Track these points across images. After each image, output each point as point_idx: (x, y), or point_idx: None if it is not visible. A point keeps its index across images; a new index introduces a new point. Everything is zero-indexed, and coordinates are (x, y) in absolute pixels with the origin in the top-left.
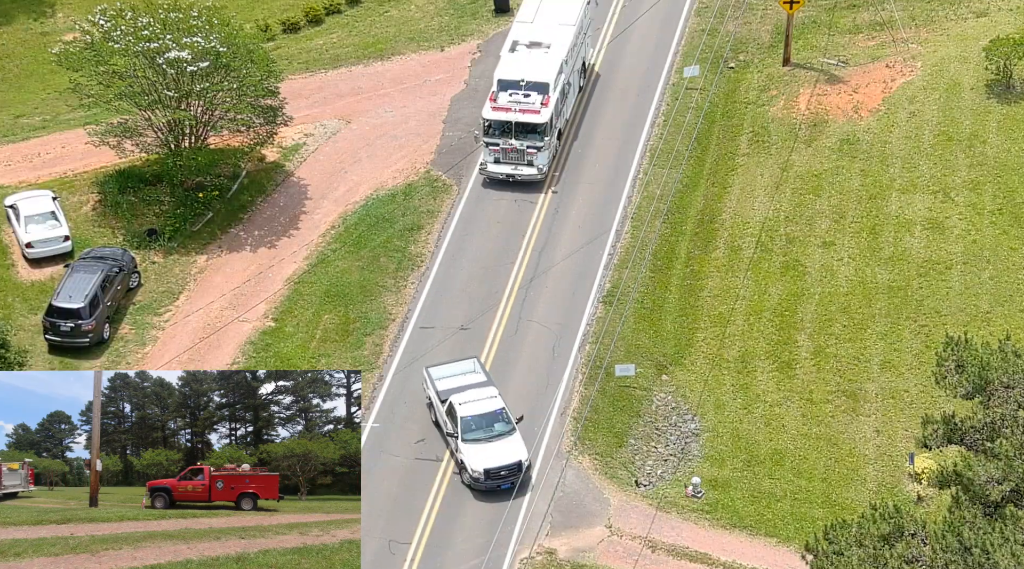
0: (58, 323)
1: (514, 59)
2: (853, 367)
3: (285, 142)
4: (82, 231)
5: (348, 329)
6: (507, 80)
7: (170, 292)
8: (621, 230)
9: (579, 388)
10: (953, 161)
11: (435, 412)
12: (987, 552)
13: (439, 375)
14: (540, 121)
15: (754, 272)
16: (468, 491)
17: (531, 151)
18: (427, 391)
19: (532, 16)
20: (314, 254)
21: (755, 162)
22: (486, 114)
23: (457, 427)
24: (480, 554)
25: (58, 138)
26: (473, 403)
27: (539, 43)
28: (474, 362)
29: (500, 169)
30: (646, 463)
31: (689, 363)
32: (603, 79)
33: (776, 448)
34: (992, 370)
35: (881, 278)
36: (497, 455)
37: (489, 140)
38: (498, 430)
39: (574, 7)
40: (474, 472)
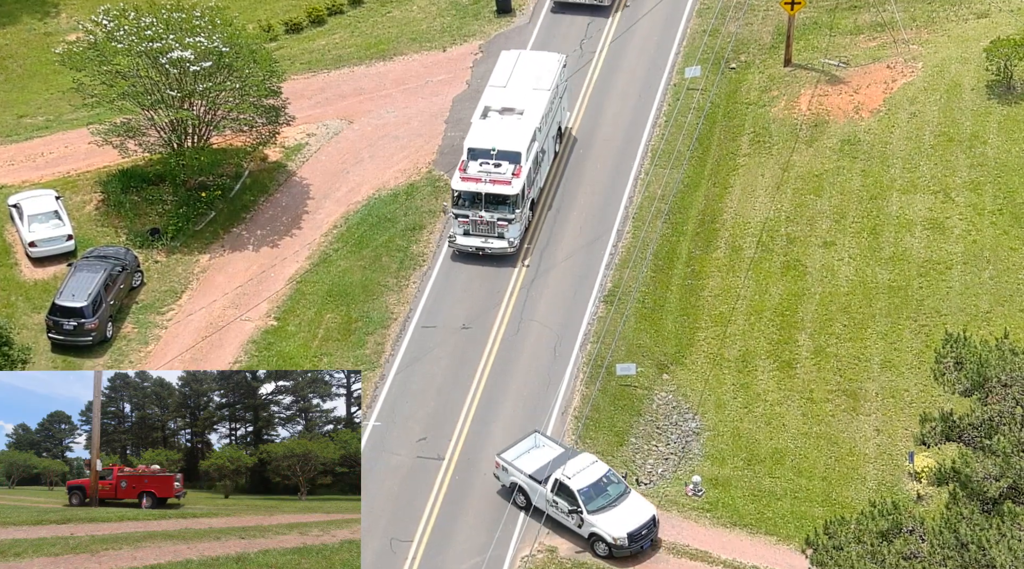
0: (61, 322)
1: (485, 126)
2: (853, 366)
3: (287, 142)
4: (85, 230)
5: (350, 328)
6: (477, 149)
7: (173, 291)
8: (622, 230)
9: (580, 387)
10: (953, 161)
11: (527, 496)
12: (983, 548)
13: (515, 457)
14: (511, 193)
15: (755, 272)
16: (470, 490)
17: (502, 224)
18: (508, 478)
19: (505, 80)
20: (316, 253)
21: (756, 162)
22: (455, 185)
23: (577, 501)
24: (481, 552)
25: (61, 138)
26: (581, 474)
27: (512, 109)
28: (536, 437)
29: (469, 242)
30: (647, 462)
31: (690, 362)
32: (603, 79)
33: (776, 447)
34: (990, 367)
35: (881, 278)
36: (631, 517)
37: (458, 211)
38: (615, 492)
39: (549, 71)
40: (617, 539)
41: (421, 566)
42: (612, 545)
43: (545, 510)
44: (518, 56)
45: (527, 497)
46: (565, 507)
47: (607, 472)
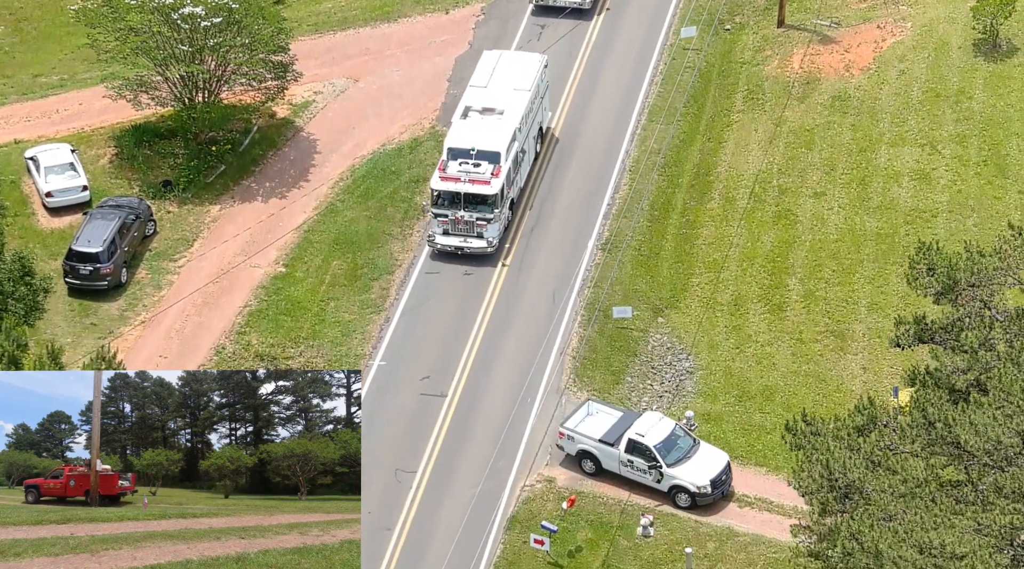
0: (77, 267)
1: (465, 126)
2: (841, 309)
3: (295, 100)
4: (99, 183)
5: (356, 274)
6: (457, 149)
7: (184, 239)
8: (619, 182)
9: (578, 329)
10: (940, 116)
11: (596, 461)
12: (949, 426)
13: (577, 425)
14: (490, 192)
15: (748, 221)
16: (472, 424)
17: (481, 223)
18: (574, 446)
19: (486, 81)
20: (323, 204)
21: (750, 118)
22: (434, 185)
23: (655, 457)
24: (484, 482)
25: (75, 96)
26: (652, 431)
27: (492, 109)
28: (590, 404)
29: (449, 241)
30: (642, 399)
31: (684, 306)
32: (602, 39)
33: (767, 384)
34: (959, 271)
35: (870, 226)
36: (708, 465)
37: (438, 211)
38: (686, 445)
39: (530, 72)
40: (701, 488)
41: (425, 495)
42: (696, 494)
43: (617, 471)
44: (499, 56)
45: (596, 462)
46: (642, 465)
47: (675, 427)
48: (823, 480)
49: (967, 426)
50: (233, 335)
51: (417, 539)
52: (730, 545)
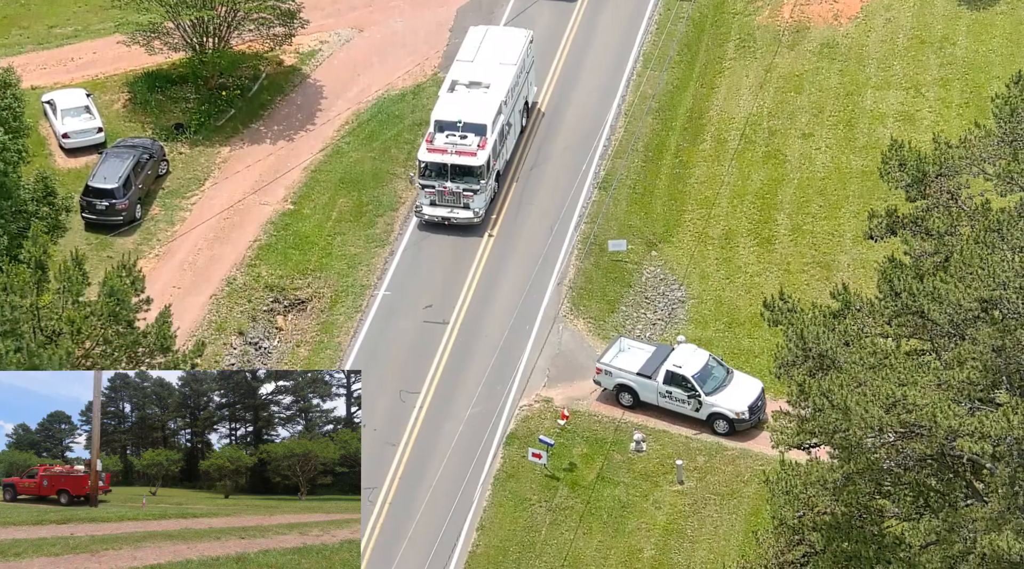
0: (94, 202)
1: (452, 99)
2: (827, 241)
3: (302, 49)
4: (113, 126)
5: (362, 211)
6: (444, 121)
7: (196, 179)
8: (615, 125)
9: (575, 262)
10: (925, 61)
11: (634, 393)
12: (913, 295)
13: (612, 359)
14: (477, 163)
15: (738, 161)
16: (472, 349)
17: (467, 194)
18: (612, 381)
19: (472, 55)
20: (329, 146)
21: (741, 65)
22: (422, 156)
23: (694, 386)
24: (484, 402)
25: (89, 46)
26: (689, 362)
27: (479, 83)
28: (621, 340)
29: (436, 212)
30: (636, 327)
31: (677, 240)
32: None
33: (755, 312)
34: (928, 163)
35: (855, 164)
36: (745, 392)
37: (425, 182)
38: (721, 374)
39: (516, 46)
40: (740, 414)
41: (428, 413)
42: (734, 420)
43: (656, 403)
44: (486, 31)
45: (634, 395)
46: (681, 395)
47: (710, 357)
48: (798, 351)
49: (929, 295)
50: (244, 267)
51: (420, 454)
52: (719, 458)
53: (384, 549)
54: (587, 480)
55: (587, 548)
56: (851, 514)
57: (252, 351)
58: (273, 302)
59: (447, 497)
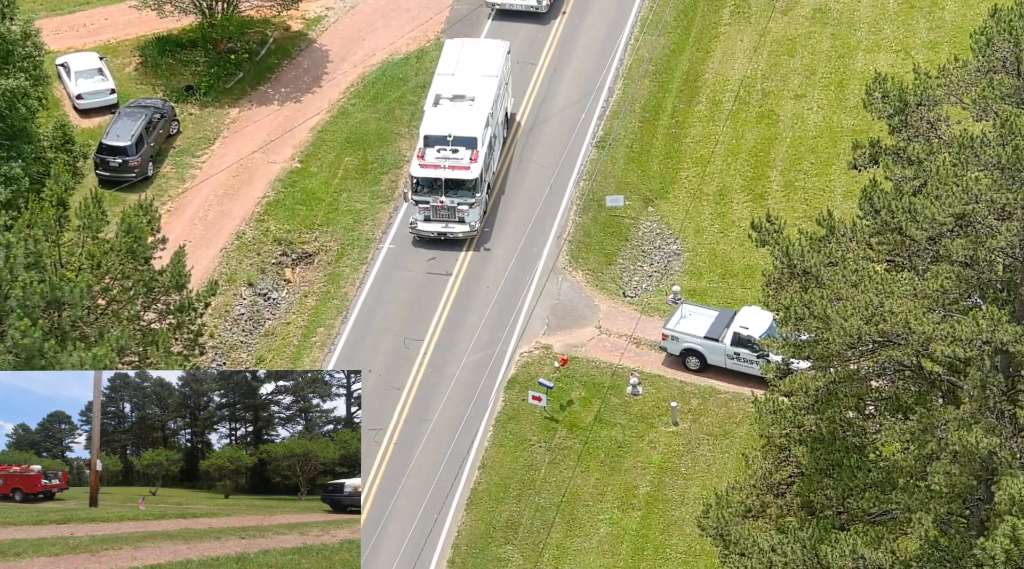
0: (108, 159)
1: (439, 113)
2: (819, 197)
3: (308, 15)
4: (125, 88)
5: (367, 169)
6: (433, 136)
7: (206, 138)
8: (613, 87)
9: (574, 217)
10: (914, 25)
11: (701, 357)
12: (892, 212)
13: (676, 324)
14: (471, 177)
15: (733, 121)
16: (474, 298)
17: (462, 208)
18: (679, 346)
19: (453, 68)
20: (335, 107)
21: (736, 30)
22: (414, 172)
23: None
24: (485, 349)
25: (101, 12)
26: (754, 323)
27: (463, 96)
28: (683, 307)
29: (431, 227)
30: (632, 279)
31: (673, 196)
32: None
33: (748, 264)
34: (909, 93)
35: (846, 123)
36: None
37: (419, 198)
38: None
39: (496, 58)
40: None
41: (432, 359)
42: None
43: (723, 365)
44: (463, 44)
45: (702, 358)
46: (749, 356)
47: (773, 317)
48: (784, 268)
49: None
50: (252, 222)
51: (424, 398)
52: (712, 401)
53: (389, 483)
54: (585, 422)
55: (585, 485)
56: (834, 429)
57: (261, 301)
58: (281, 255)
59: (449, 437)
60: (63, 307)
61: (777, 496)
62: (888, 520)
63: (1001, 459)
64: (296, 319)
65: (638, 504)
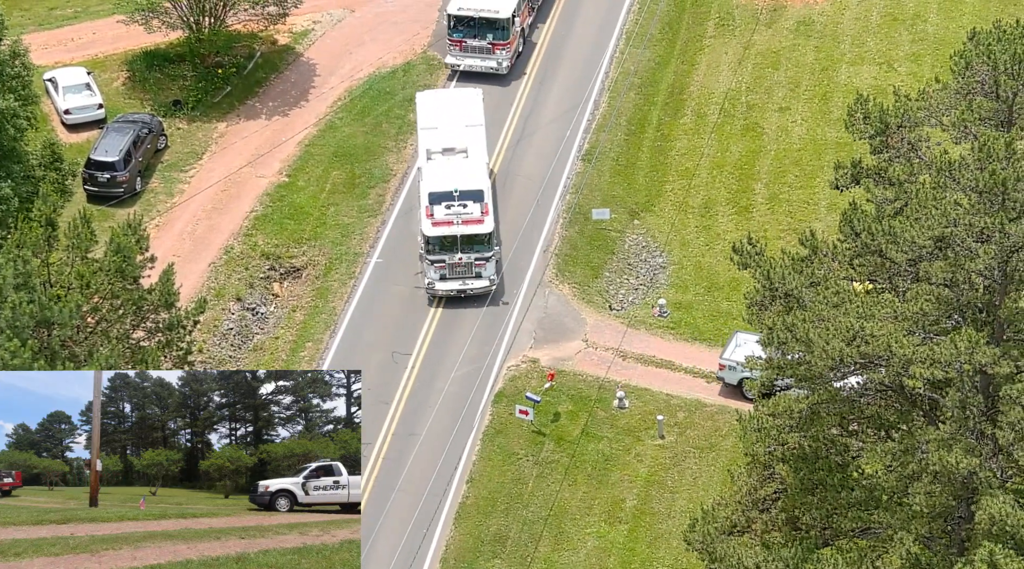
0: (96, 174)
1: (437, 168)
2: (803, 209)
3: (295, 28)
4: (113, 103)
5: (354, 183)
6: (438, 192)
7: (194, 153)
8: (599, 100)
9: (560, 230)
10: (897, 38)
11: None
12: (872, 234)
13: (731, 353)
14: (486, 230)
15: (718, 134)
16: (462, 313)
17: (480, 262)
18: (735, 376)
19: (435, 121)
20: (323, 121)
21: (720, 43)
22: (428, 231)
23: None
24: (473, 363)
25: (89, 26)
26: None
27: (452, 148)
28: (737, 335)
29: (449, 286)
30: (619, 292)
31: (658, 209)
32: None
33: (733, 276)
34: (890, 114)
35: (830, 136)
36: None
37: (435, 257)
38: None
39: (475, 106)
40: None
41: (420, 373)
42: None
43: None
44: (435, 96)
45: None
46: None
47: None
48: (766, 291)
49: (887, 234)
50: (241, 236)
51: (412, 412)
52: (698, 414)
53: (378, 498)
54: (572, 435)
55: (572, 499)
56: (818, 447)
57: (250, 316)
58: (269, 269)
59: (438, 451)
60: (52, 327)
61: (762, 511)
62: (871, 537)
63: (981, 479)
64: (284, 333)
65: (625, 517)
